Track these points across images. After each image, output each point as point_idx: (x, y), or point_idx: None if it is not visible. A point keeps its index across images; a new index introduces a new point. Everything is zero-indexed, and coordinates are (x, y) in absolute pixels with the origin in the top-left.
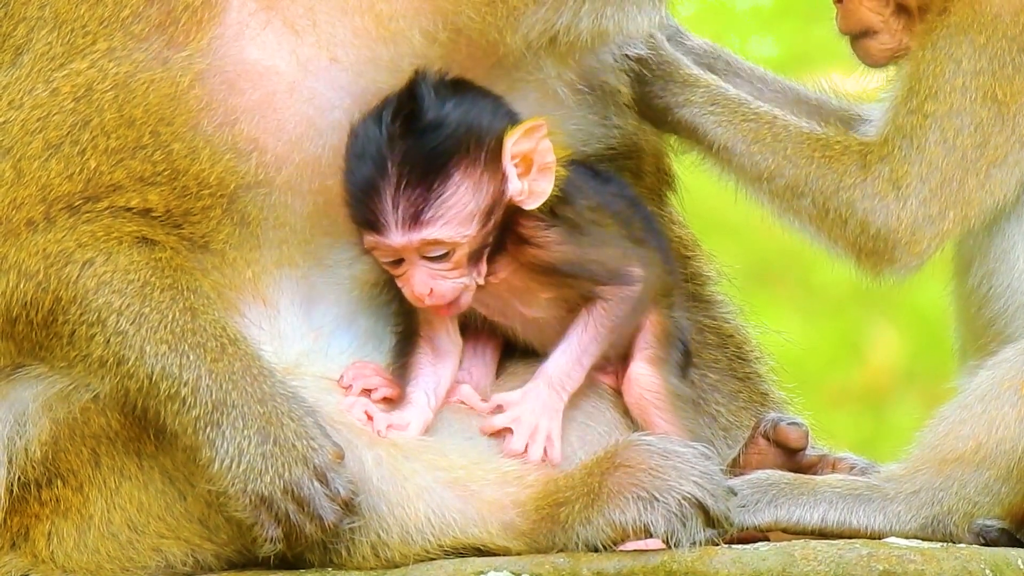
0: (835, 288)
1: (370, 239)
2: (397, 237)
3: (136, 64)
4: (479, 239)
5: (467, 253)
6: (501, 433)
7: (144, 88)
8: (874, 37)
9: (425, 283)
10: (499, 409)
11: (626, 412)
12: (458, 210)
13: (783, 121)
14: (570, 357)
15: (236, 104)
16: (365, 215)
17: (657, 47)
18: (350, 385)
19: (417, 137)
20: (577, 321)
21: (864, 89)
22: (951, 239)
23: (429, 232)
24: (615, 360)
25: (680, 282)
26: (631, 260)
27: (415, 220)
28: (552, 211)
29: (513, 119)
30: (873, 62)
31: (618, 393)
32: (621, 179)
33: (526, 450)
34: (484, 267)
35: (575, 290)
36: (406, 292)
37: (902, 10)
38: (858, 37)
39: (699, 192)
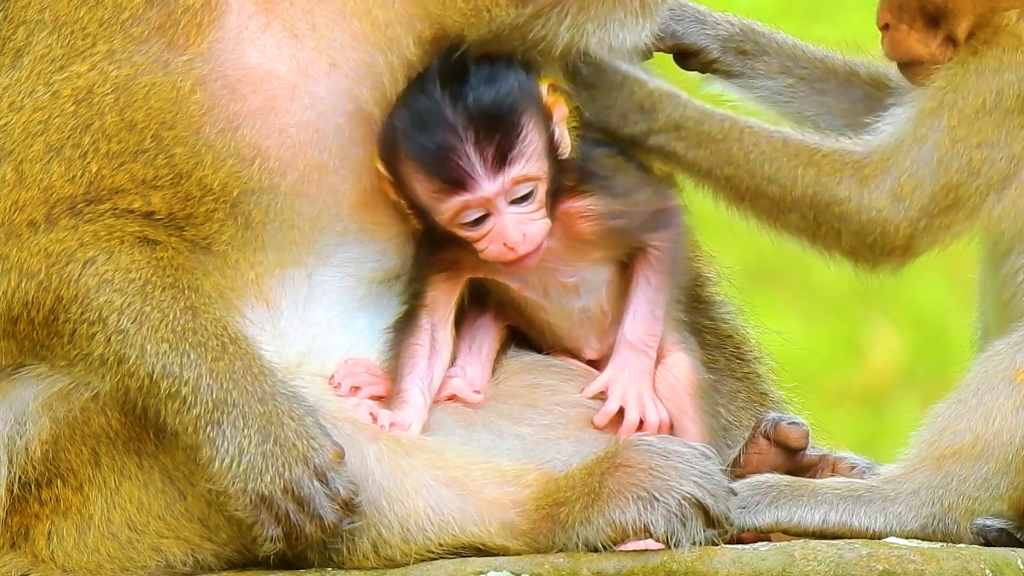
0: (835, 288)
1: (456, 200)
2: (488, 185)
3: (136, 67)
4: (549, 176)
5: (544, 191)
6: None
7: (145, 92)
8: (921, 65)
9: (518, 228)
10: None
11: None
12: (534, 146)
13: (752, 134)
14: (642, 314)
15: (238, 109)
16: (449, 176)
17: (609, 67)
18: (339, 384)
19: (478, 90)
20: (637, 278)
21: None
22: (949, 245)
23: (518, 169)
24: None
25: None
26: (664, 194)
27: (503, 161)
28: (581, 169)
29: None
30: (921, 84)
31: None
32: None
33: (621, 413)
34: (551, 212)
35: (625, 243)
36: (494, 251)
37: (950, 40)
38: (906, 64)
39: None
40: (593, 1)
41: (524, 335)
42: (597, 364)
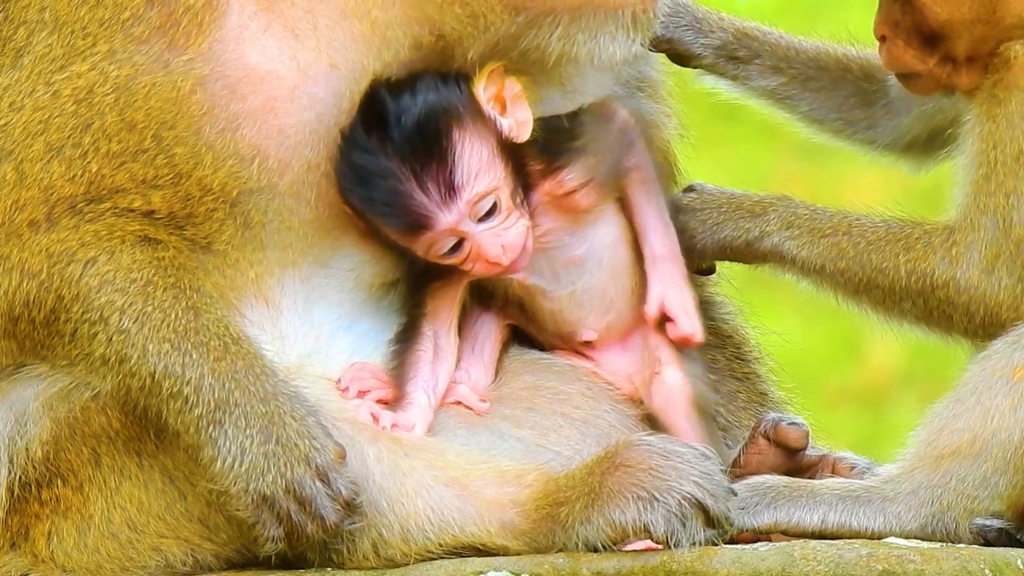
0: None
1: (423, 238)
2: (446, 216)
3: (137, 67)
4: (509, 177)
5: (509, 194)
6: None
7: (145, 92)
8: (920, 78)
9: (494, 243)
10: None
11: (627, 412)
12: (478, 158)
13: (859, 226)
14: (655, 226)
15: (238, 110)
16: (408, 221)
17: (714, 191)
18: (347, 387)
19: (401, 125)
20: (635, 198)
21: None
22: None
23: (470, 190)
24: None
25: None
26: (611, 115)
27: (451, 188)
28: (544, 144)
29: (466, 77)
30: (920, 95)
31: (619, 392)
32: None
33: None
34: (526, 207)
35: (614, 184)
36: (480, 269)
37: (948, 58)
38: (904, 75)
39: None
40: (585, 13)
41: (525, 332)
42: (593, 347)
